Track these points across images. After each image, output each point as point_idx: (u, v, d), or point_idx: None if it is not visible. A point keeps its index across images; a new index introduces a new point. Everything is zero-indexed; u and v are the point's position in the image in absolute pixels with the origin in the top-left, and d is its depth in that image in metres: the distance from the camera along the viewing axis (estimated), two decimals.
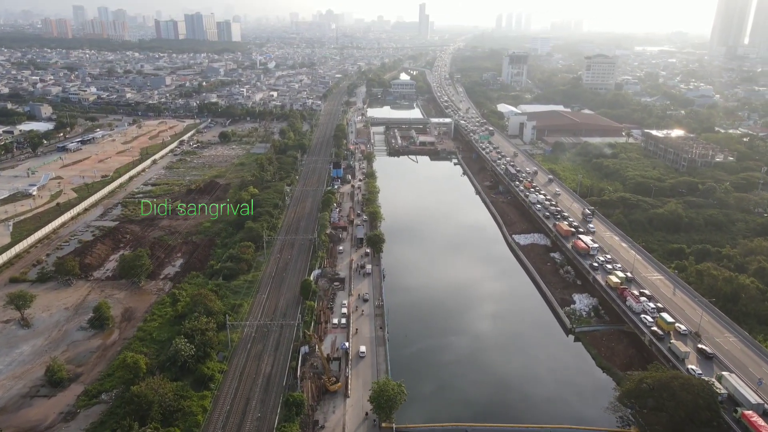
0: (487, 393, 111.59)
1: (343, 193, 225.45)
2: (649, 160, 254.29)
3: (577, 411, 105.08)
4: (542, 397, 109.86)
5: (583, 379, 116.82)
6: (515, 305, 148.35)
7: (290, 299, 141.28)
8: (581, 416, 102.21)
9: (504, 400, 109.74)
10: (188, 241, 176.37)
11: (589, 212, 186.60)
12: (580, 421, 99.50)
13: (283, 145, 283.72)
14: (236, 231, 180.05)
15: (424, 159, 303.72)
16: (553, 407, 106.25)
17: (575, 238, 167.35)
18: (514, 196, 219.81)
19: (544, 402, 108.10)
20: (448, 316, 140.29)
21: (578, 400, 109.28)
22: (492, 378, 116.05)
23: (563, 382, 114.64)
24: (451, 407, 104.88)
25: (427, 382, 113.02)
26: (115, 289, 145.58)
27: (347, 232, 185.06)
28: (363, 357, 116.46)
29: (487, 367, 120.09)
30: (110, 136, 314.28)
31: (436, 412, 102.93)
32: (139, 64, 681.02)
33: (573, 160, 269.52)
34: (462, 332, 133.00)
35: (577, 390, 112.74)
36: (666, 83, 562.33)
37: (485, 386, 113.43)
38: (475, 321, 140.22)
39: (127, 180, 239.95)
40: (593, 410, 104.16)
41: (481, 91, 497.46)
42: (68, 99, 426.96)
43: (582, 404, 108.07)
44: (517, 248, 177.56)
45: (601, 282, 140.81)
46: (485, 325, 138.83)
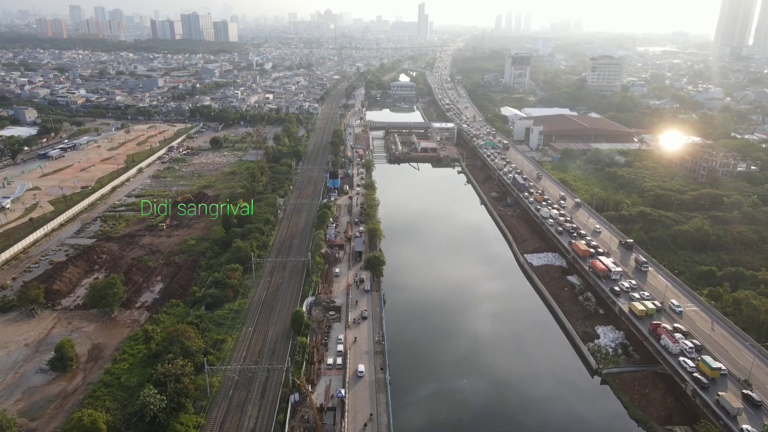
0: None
1: (340, 205, 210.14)
2: (665, 170, 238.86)
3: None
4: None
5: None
6: (532, 339, 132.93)
7: (280, 333, 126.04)
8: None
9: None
10: (170, 262, 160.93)
11: (627, 243, 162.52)
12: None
13: (277, 152, 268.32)
14: (223, 250, 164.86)
15: (426, 166, 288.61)
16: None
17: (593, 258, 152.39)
18: (524, 209, 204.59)
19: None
20: (456, 350, 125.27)
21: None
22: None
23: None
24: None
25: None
26: (84, 320, 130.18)
27: (344, 251, 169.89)
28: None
29: (505, 417, 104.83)
30: (95, 142, 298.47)
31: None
32: (133, 65, 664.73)
33: (583, 168, 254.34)
34: (474, 371, 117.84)
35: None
36: (673, 85, 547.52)
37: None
38: (489, 357, 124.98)
39: (110, 191, 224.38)
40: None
41: (484, 94, 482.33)
42: (56, 102, 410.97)
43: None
44: (530, 270, 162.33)
45: (628, 313, 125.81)
46: (500, 363, 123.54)
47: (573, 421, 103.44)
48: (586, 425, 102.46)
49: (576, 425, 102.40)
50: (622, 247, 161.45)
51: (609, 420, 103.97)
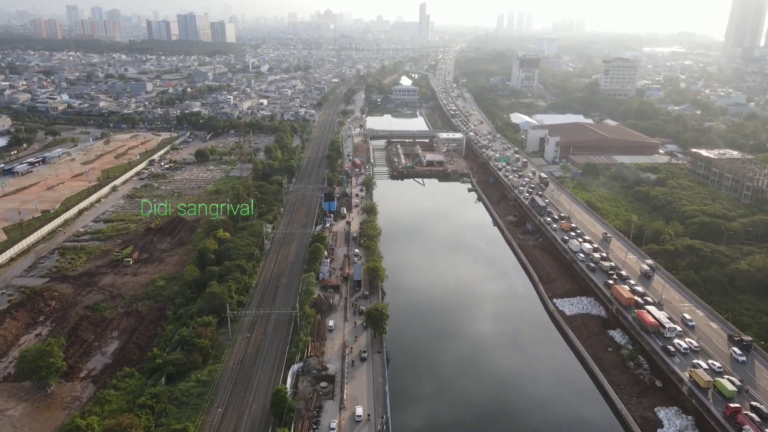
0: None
1: (337, 232, 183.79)
2: (705, 189, 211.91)
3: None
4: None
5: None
6: (576, 420, 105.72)
7: (257, 416, 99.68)
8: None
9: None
10: (131, 311, 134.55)
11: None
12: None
13: (267, 167, 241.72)
14: (196, 294, 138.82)
15: (432, 181, 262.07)
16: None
17: (639, 308, 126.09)
18: (548, 239, 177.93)
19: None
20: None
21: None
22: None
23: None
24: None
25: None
26: (11, 397, 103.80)
27: (340, 294, 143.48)
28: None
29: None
30: (69, 155, 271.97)
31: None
32: (123, 68, 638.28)
33: (608, 186, 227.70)
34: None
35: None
36: (689, 89, 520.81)
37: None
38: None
39: (76, 214, 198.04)
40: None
41: (491, 99, 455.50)
42: (35, 108, 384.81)
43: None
44: (561, 320, 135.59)
45: (688, 382, 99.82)
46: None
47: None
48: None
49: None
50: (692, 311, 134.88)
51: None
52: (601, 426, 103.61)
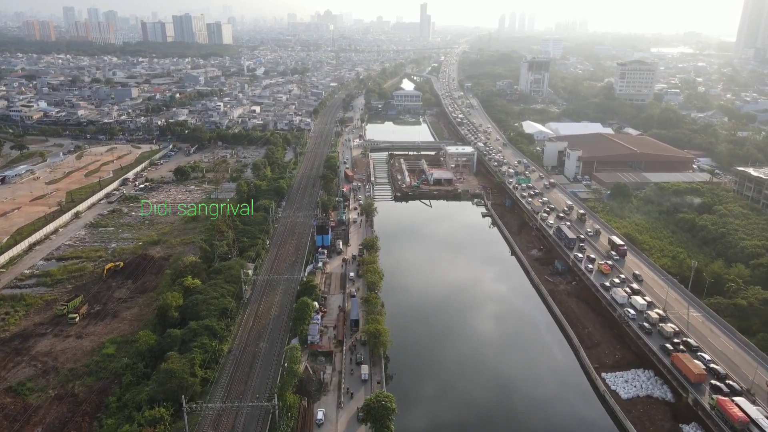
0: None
1: (331, 273, 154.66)
2: (762, 218, 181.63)
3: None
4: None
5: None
6: None
7: None
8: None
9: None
10: (65, 394, 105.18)
11: None
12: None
13: (254, 189, 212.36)
14: (152, 367, 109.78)
15: (440, 203, 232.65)
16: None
17: (722, 397, 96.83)
18: (582, 281, 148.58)
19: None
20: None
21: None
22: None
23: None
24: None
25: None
26: None
27: (333, 365, 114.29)
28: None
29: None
30: (33, 173, 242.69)
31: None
32: (112, 71, 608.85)
33: (644, 210, 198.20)
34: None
35: None
36: (708, 92, 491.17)
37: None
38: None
39: (26, 249, 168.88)
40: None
41: (500, 105, 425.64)
42: (8, 117, 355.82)
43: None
44: (614, 404, 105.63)
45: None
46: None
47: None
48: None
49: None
50: None
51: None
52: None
